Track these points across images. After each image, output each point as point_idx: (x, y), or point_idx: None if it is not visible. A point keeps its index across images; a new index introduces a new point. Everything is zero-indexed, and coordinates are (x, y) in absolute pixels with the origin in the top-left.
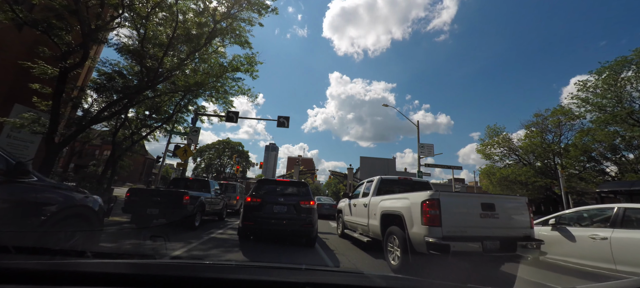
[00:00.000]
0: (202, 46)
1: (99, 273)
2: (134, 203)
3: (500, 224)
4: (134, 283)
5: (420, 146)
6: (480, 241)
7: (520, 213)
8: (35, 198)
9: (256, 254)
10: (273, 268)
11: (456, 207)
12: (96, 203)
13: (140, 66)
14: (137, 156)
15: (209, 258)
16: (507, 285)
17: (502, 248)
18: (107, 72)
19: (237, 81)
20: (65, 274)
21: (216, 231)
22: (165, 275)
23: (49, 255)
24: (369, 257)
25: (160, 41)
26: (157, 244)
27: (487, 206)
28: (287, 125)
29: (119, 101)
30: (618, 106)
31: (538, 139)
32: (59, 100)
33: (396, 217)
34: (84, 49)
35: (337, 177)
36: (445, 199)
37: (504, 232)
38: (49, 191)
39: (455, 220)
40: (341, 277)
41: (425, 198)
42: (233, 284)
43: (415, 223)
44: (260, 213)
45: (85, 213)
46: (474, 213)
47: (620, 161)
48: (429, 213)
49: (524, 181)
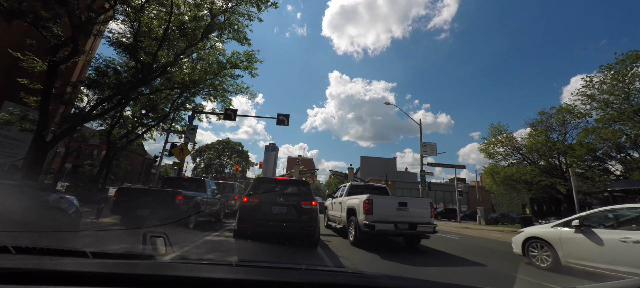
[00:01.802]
0: (199, 40)
1: (99, 273)
2: (123, 204)
3: (409, 215)
4: (134, 283)
5: (423, 145)
6: (394, 224)
7: (424, 209)
8: None
9: (254, 255)
10: (273, 268)
11: (382, 204)
12: (72, 205)
13: (134, 60)
14: (134, 155)
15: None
16: (507, 285)
17: (409, 228)
18: (100, 67)
19: (235, 78)
20: (65, 274)
21: (212, 233)
22: (165, 275)
23: (48, 255)
24: (369, 258)
25: (154, 34)
26: (156, 244)
27: (402, 204)
28: (286, 123)
29: (112, 97)
30: (625, 103)
31: (543, 137)
32: (48, 96)
33: (353, 210)
34: (73, 43)
35: (337, 177)
36: (376, 199)
37: (411, 219)
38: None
39: (381, 211)
40: (341, 276)
41: (365, 199)
42: (233, 284)
43: (360, 213)
44: (258, 215)
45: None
46: (393, 207)
47: (625, 160)
48: (366, 207)
49: (528, 180)
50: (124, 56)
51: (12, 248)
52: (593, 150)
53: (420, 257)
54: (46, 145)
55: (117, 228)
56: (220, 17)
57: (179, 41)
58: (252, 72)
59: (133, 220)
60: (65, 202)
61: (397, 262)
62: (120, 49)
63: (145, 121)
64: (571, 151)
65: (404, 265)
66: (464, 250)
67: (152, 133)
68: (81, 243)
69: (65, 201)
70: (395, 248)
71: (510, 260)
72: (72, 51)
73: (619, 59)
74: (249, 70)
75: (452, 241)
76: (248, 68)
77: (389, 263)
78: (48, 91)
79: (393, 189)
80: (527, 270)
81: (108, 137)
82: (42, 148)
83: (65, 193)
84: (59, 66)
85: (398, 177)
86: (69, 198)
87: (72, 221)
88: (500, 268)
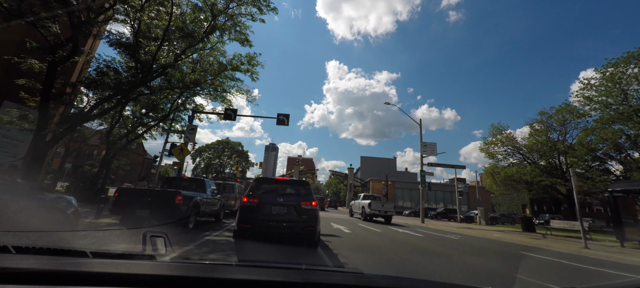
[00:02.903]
0: (199, 40)
1: (99, 273)
2: (122, 204)
3: (384, 208)
4: (134, 283)
5: (423, 145)
6: (379, 211)
7: (390, 205)
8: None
9: (254, 256)
10: (273, 268)
11: (373, 203)
12: (70, 205)
13: (134, 61)
14: (134, 155)
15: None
16: (507, 285)
17: (385, 213)
18: (99, 67)
19: (236, 81)
20: (65, 274)
21: (212, 234)
22: (166, 275)
23: (48, 255)
24: (369, 258)
25: (154, 34)
26: (156, 245)
27: (380, 203)
28: (287, 123)
29: (111, 98)
30: (624, 103)
31: (543, 137)
32: (47, 96)
33: (362, 206)
34: (73, 42)
35: (337, 177)
36: (372, 201)
37: (385, 210)
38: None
39: (374, 206)
40: (341, 276)
41: (368, 201)
42: (233, 284)
43: (365, 207)
44: (258, 215)
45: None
46: (380, 204)
47: (625, 160)
48: (365, 205)
49: (529, 180)
50: (125, 55)
51: (12, 248)
52: (593, 150)
53: (421, 257)
54: (46, 145)
55: (116, 229)
56: (221, 18)
57: (179, 42)
58: (253, 76)
59: (132, 221)
60: (63, 202)
61: (399, 264)
62: (120, 49)
63: (145, 121)
64: (572, 151)
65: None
66: (464, 251)
67: (152, 133)
68: (79, 244)
69: (63, 201)
70: (398, 249)
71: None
72: (71, 51)
73: (610, 63)
74: (250, 73)
75: (453, 241)
76: (249, 71)
77: (390, 264)
78: (47, 91)
79: (393, 189)
80: (525, 270)
81: (108, 137)
82: (42, 148)
83: (64, 193)
84: (58, 66)
85: (398, 177)
86: (67, 197)
87: (70, 222)
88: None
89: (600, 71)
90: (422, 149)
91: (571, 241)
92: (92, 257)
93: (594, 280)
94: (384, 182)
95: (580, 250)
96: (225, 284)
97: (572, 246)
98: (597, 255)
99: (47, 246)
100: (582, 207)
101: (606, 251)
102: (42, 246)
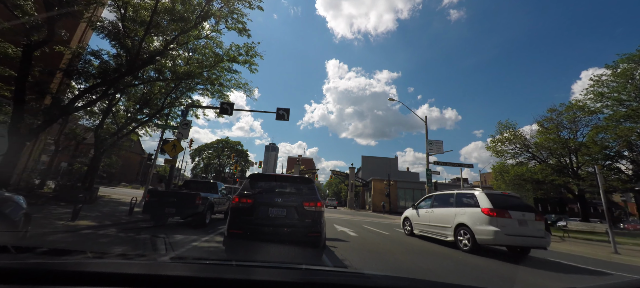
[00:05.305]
0: (191, 27)
1: (99, 272)
2: (154, 204)
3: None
4: (134, 283)
5: (429, 143)
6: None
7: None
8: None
9: (258, 250)
10: (273, 268)
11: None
12: (17, 207)
13: (121, 47)
14: (126, 153)
15: (218, 253)
16: (507, 285)
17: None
18: (81, 55)
19: (233, 73)
20: (65, 274)
21: (223, 228)
22: (165, 275)
23: (49, 255)
24: (369, 258)
25: (142, 18)
26: (156, 245)
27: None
28: (287, 118)
29: (96, 87)
30: (637, 99)
31: (554, 135)
32: (23, 84)
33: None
34: (48, 24)
35: (338, 177)
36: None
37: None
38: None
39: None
40: (341, 277)
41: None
42: (233, 284)
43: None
44: (252, 218)
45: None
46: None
47: (637, 158)
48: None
49: (540, 179)
50: (112, 42)
51: (12, 248)
52: (606, 148)
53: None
54: (22, 138)
55: (90, 232)
56: (216, 3)
57: (170, 26)
58: (251, 67)
59: (161, 217)
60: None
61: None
62: (105, 35)
63: (139, 116)
64: (585, 149)
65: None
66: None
67: (147, 129)
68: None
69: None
70: (414, 255)
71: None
72: (47, 34)
73: (621, 58)
74: (249, 65)
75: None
76: (247, 62)
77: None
78: (23, 79)
79: (395, 189)
80: (525, 270)
81: (96, 132)
82: (17, 141)
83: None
84: (34, 50)
85: (400, 177)
86: (16, 198)
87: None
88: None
89: (611, 67)
90: (428, 147)
91: (594, 244)
92: (93, 257)
93: (594, 279)
94: (386, 182)
95: (610, 256)
96: (225, 284)
97: (599, 251)
98: (633, 261)
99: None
100: (587, 207)
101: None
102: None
